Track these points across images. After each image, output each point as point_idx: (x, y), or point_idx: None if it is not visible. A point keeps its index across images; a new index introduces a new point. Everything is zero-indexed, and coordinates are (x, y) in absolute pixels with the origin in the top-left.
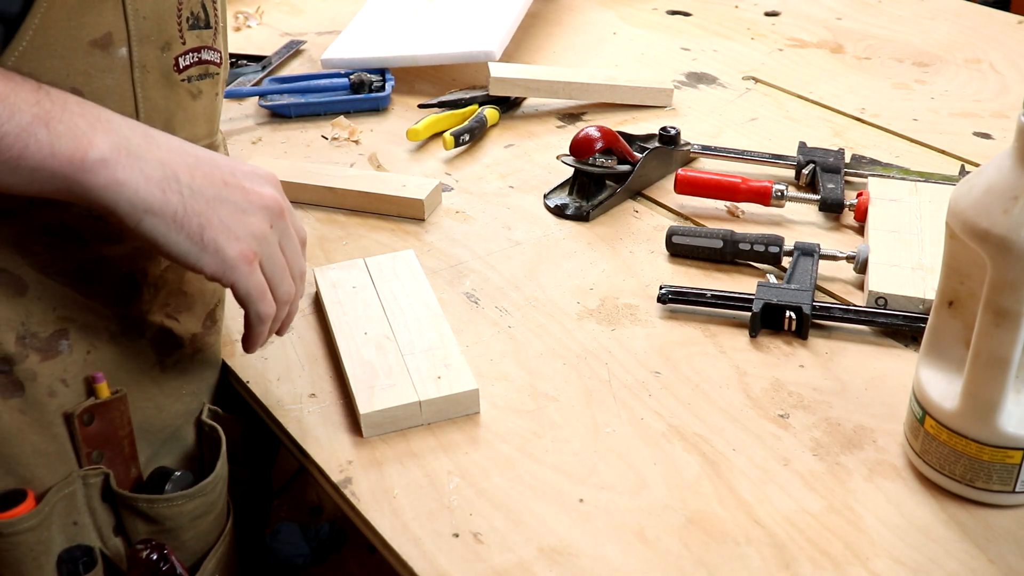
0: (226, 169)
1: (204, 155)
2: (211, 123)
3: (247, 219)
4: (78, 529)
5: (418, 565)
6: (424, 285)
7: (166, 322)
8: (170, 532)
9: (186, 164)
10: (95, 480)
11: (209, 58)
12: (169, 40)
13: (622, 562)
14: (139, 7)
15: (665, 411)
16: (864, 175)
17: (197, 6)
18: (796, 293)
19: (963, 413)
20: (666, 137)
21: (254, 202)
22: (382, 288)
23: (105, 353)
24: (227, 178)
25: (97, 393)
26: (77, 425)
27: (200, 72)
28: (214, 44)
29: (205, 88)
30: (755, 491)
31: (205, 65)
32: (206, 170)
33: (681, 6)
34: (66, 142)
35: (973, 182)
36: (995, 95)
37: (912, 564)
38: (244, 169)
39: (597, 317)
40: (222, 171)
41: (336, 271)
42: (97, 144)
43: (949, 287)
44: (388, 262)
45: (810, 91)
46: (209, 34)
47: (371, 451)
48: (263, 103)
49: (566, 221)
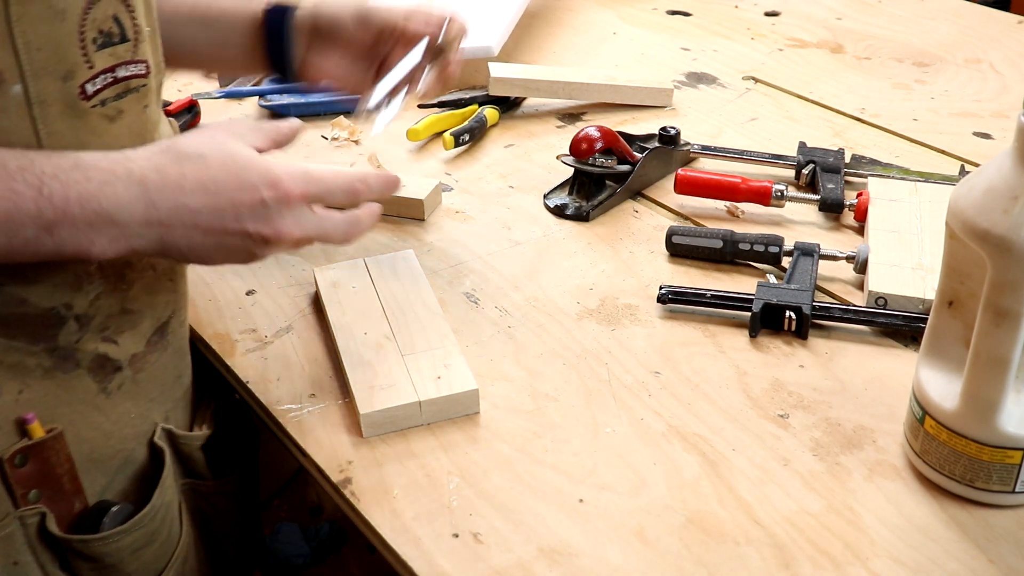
0: (228, 215)
1: (205, 212)
2: (142, 138)
3: (255, 252)
4: (19, 568)
5: (418, 565)
6: (424, 285)
7: (102, 347)
8: (111, 568)
9: (184, 227)
10: (33, 520)
11: (128, 74)
12: (72, 68)
13: (622, 562)
14: (31, 39)
15: (665, 411)
16: (864, 175)
17: (107, 22)
18: (796, 293)
19: (963, 413)
20: (666, 137)
21: (262, 242)
22: (382, 288)
23: (39, 390)
24: (228, 225)
25: (30, 434)
26: (8, 468)
27: (117, 92)
28: (135, 57)
29: (127, 106)
30: (755, 491)
31: (123, 83)
32: (204, 227)
33: (681, 6)
34: (69, 245)
35: (973, 182)
36: (995, 95)
37: (912, 564)
38: (248, 203)
39: (597, 317)
40: (224, 222)
41: (336, 271)
42: (98, 244)
43: (949, 287)
44: (388, 262)
45: (810, 91)
46: (127, 48)
47: (371, 451)
48: (263, 103)
49: (566, 221)
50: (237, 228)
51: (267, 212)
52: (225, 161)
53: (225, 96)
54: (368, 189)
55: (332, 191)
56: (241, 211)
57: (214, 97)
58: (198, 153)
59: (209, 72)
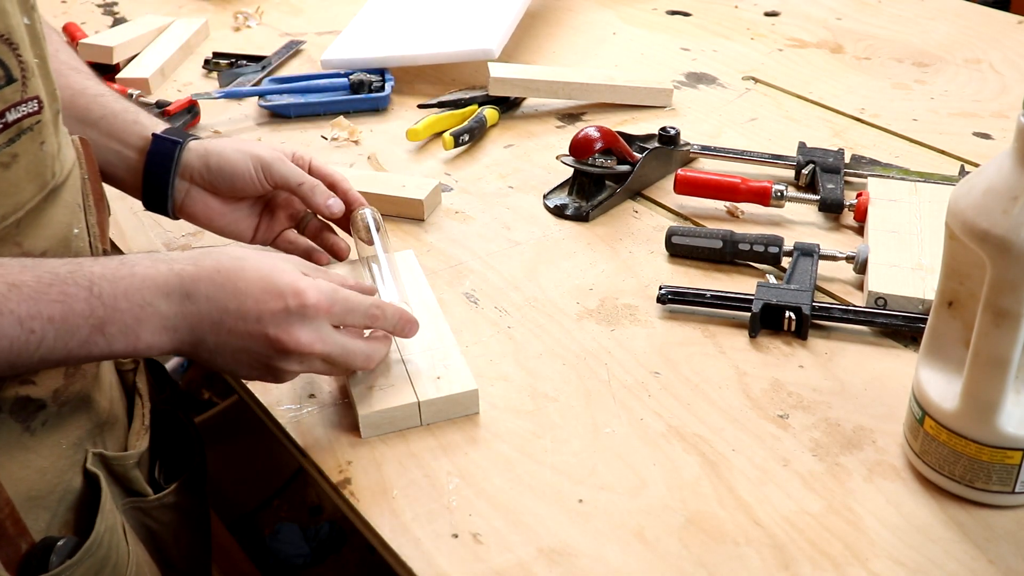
0: (252, 316)
1: (232, 310)
2: (41, 176)
3: (275, 364)
4: None
5: (417, 565)
6: (424, 285)
7: (22, 390)
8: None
9: (212, 323)
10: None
11: (19, 115)
12: None
13: (622, 562)
14: None
15: (665, 411)
16: (864, 175)
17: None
18: (796, 293)
19: (963, 413)
20: (666, 137)
21: (280, 350)
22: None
23: None
24: (251, 327)
25: None
26: None
27: (9, 137)
28: (25, 95)
29: (22, 148)
30: (755, 491)
31: (15, 126)
32: (229, 326)
33: (681, 6)
34: (119, 342)
35: (973, 182)
36: (995, 95)
37: (912, 565)
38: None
39: (597, 317)
40: (247, 323)
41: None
42: (144, 338)
43: (949, 287)
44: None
45: (810, 91)
46: (15, 88)
47: (370, 451)
48: (263, 103)
49: (566, 221)
50: (258, 331)
51: (288, 320)
52: (260, 267)
53: (225, 96)
54: (384, 318)
55: (353, 312)
56: (264, 315)
57: (214, 97)
58: (239, 256)
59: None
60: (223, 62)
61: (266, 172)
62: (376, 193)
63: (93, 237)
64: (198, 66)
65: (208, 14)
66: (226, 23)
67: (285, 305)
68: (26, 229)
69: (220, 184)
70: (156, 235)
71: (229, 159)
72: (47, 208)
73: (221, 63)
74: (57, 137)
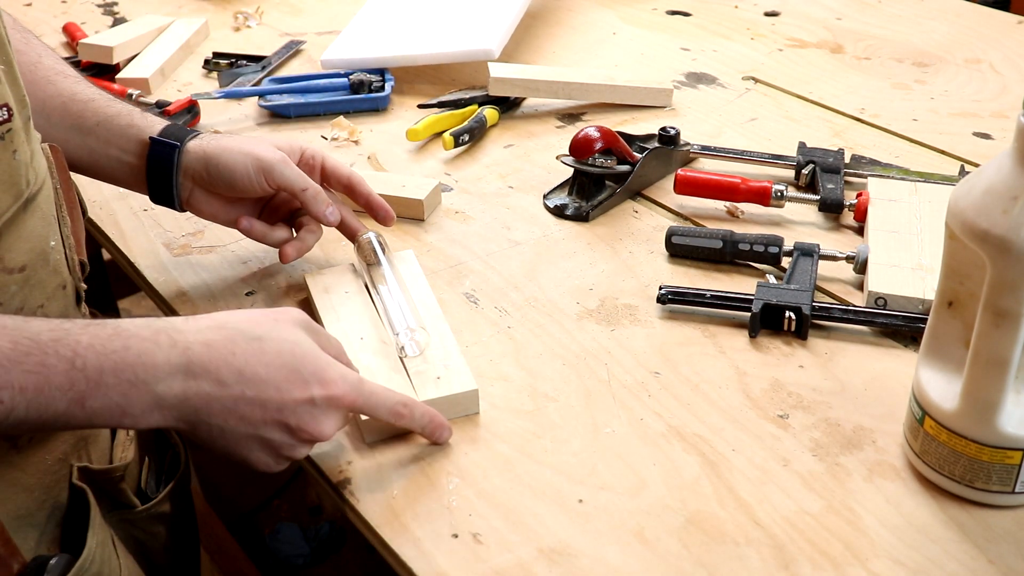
0: (272, 405)
1: (250, 398)
2: (16, 186)
3: (288, 453)
4: None
5: (417, 566)
6: (424, 285)
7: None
8: None
9: (222, 409)
10: None
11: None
12: None
13: (621, 562)
14: None
15: (665, 411)
16: (864, 175)
17: None
18: (796, 293)
19: (963, 413)
20: (666, 137)
21: (300, 440)
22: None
23: None
24: (270, 415)
25: None
26: None
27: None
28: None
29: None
30: (755, 492)
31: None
32: (245, 414)
33: (681, 6)
34: (101, 416)
35: (973, 182)
36: (995, 95)
37: (912, 565)
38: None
39: (596, 317)
40: (267, 411)
41: (328, 276)
42: (130, 413)
43: (949, 287)
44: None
45: (810, 91)
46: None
47: (370, 452)
48: (263, 103)
49: (566, 221)
50: (278, 420)
51: (313, 411)
52: (281, 349)
53: (225, 96)
54: (412, 418)
55: (378, 409)
56: (286, 405)
57: (214, 97)
58: (256, 335)
59: (91, 177)
60: (223, 62)
61: (267, 176)
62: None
63: (69, 249)
64: (198, 66)
65: (208, 14)
66: (226, 23)
67: (311, 396)
68: (5, 242)
69: (220, 187)
70: (156, 235)
71: (228, 163)
72: (24, 219)
73: (221, 63)
74: (29, 144)
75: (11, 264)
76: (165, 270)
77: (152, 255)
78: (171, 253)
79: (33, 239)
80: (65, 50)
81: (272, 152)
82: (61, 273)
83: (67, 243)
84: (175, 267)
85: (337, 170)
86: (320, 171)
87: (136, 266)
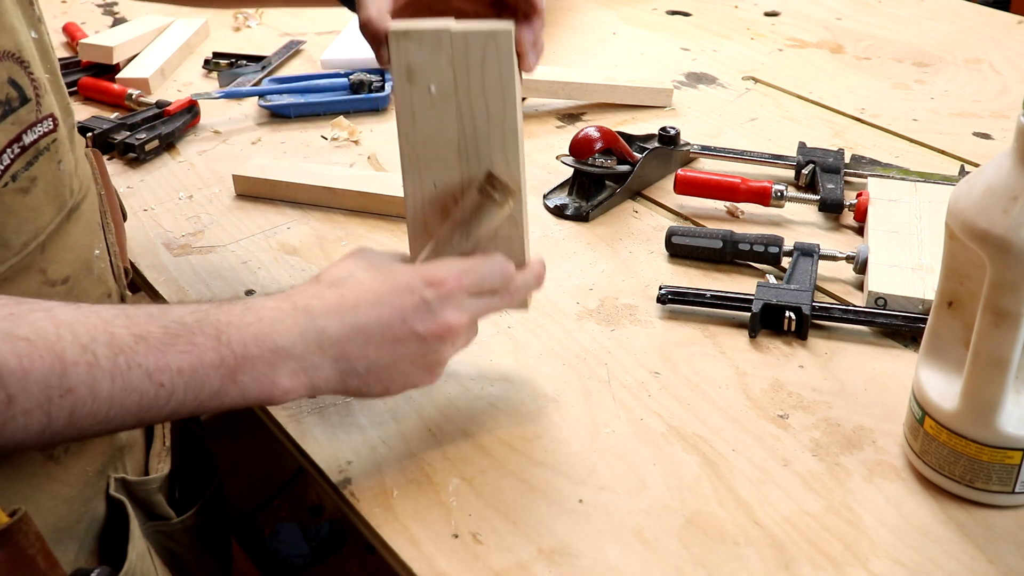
0: (396, 321)
1: (373, 324)
2: (60, 197)
3: (433, 357)
4: None
5: (417, 566)
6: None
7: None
8: None
9: (357, 346)
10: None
11: (35, 136)
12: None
13: (621, 563)
14: None
15: (664, 411)
16: (864, 175)
17: (3, 88)
18: (796, 293)
19: (963, 413)
20: (666, 137)
21: (432, 341)
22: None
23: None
24: (398, 331)
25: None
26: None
27: (27, 160)
28: (40, 114)
29: (40, 171)
30: (754, 492)
31: (32, 148)
32: (377, 340)
33: (681, 6)
34: (253, 390)
35: (973, 182)
36: (995, 95)
37: (912, 565)
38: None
39: (596, 317)
40: (393, 330)
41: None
42: (280, 383)
43: (949, 287)
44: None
45: (810, 91)
46: (30, 108)
47: (370, 451)
48: (263, 103)
49: (566, 221)
50: (407, 332)
51: (431, 308)
52: (375, 274)
53: (225, 96)
54: (524, 271)
55: (485, 276)
56: (407, 313)
57: (214, 97)
58: (347, 273)
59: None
60: (223, 62)
61: None
62: (376, 193)
63: (113, 256)
64: (198, 66)
65: (208, 14)
66: (226, 23)
67: (422, 297)
68: (49, 253)
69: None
70: (156, 235)
71: None
72: (68, 229)
73: (221, 63)
74: (73, 153)
75: (55, 276)
76: (165, 270)
77: (152, 255)
78: (171, 253)
79: (77, 249)
80: (65, 50)
81: None
82: (106, 281)
83: (111, 250)
84: (175, 267)
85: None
86: None
87: (136, 266)
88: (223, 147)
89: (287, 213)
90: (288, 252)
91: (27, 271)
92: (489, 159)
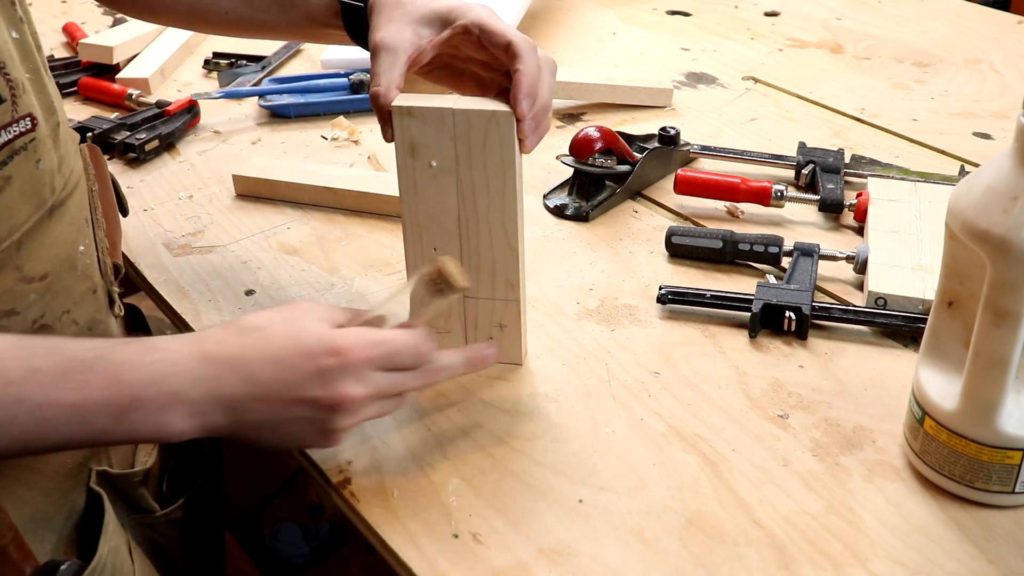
0: (289, 384)
1: (267, 382)
2: (38, 195)
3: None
4: None
5: (417, 566)
6: None
7: None
8: None
9: (248, 400)
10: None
11: (11, 136)
12: None
13: (621, 563)
14: None
15: (664, 411)
16: (864, 175)
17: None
18: (796, 293)
19: (963, 413)
20: (666, 137)
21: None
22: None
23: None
24: (291, 394)
25: None
26: None
27: (2, 159)
28: (16, 114)
29: (15, 170)
30: (754, 492)
31: (7, 147)
32: (269, 399)
33: (681, 6)
34: (144, 430)
35: (972, 182)
36: (995, 95)
37: (912, 565)
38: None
39: (596, 317)
40: (286, 391)
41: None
42: (172, 425)
43: (949, 287)
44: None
45: (810, 91)
46: (4, 108)
47: (370, 452)
48: (263, 103)
49: (566, 221)
50: (299, 396)
51: (326, 378)
52: (286, 331)
53: (225, 96)
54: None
55: (397, 352)
56: (302, 379)
57: (214, 97)
58: (259, 325)
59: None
60: (223, 62)
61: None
62: (376, 193)
63: (102, 252)
64: (198, 66)
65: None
66: None
67: (320, 365)
68: (26, 251)
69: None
70: (156, 235)
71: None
72: (48, 227)
73: (221, 63)
74: (57, 151)
75: (31, 273)
76: (165, 270)
77: (152, 255)
78: (171, 253)
79: (59, 246)
80: (65, 50)
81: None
82: (91, 277)
83: (100, 246)
84: (175, 267)
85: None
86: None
87: (136, 266)
88: (223, 147)
89: (287, 213)
90: (288, 252)
91: (1, 268)
92: (488, 230)
